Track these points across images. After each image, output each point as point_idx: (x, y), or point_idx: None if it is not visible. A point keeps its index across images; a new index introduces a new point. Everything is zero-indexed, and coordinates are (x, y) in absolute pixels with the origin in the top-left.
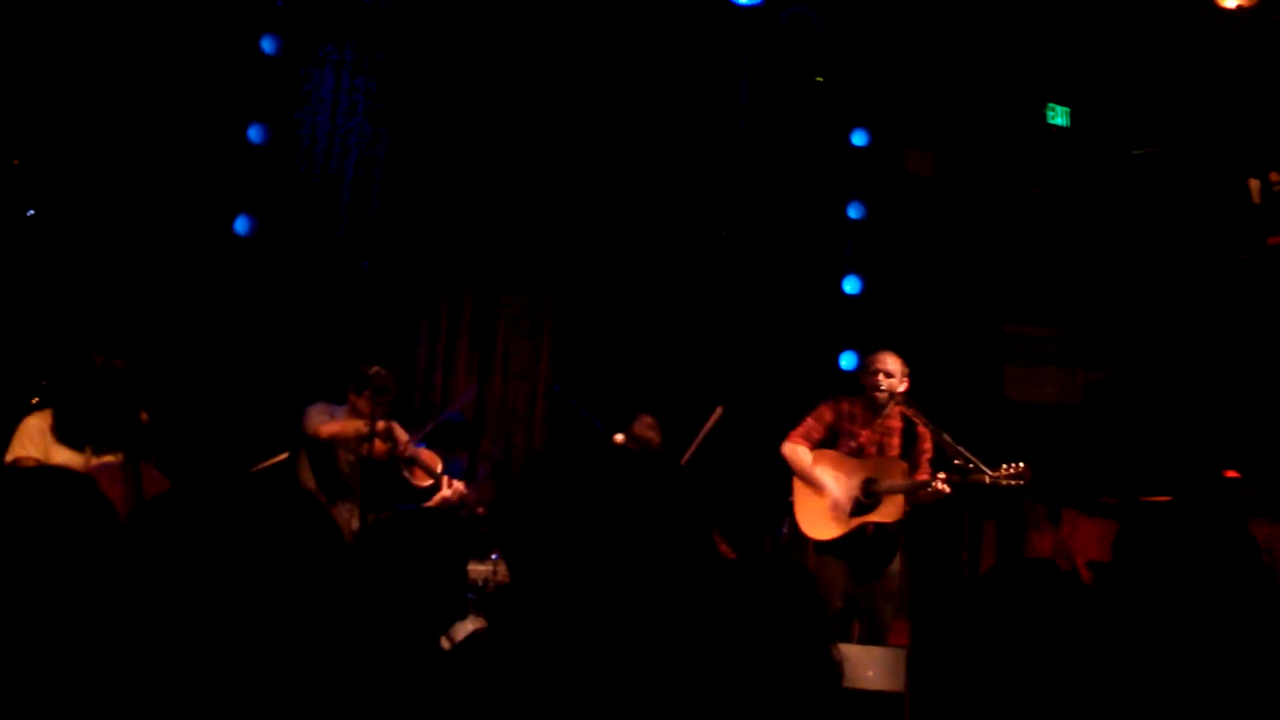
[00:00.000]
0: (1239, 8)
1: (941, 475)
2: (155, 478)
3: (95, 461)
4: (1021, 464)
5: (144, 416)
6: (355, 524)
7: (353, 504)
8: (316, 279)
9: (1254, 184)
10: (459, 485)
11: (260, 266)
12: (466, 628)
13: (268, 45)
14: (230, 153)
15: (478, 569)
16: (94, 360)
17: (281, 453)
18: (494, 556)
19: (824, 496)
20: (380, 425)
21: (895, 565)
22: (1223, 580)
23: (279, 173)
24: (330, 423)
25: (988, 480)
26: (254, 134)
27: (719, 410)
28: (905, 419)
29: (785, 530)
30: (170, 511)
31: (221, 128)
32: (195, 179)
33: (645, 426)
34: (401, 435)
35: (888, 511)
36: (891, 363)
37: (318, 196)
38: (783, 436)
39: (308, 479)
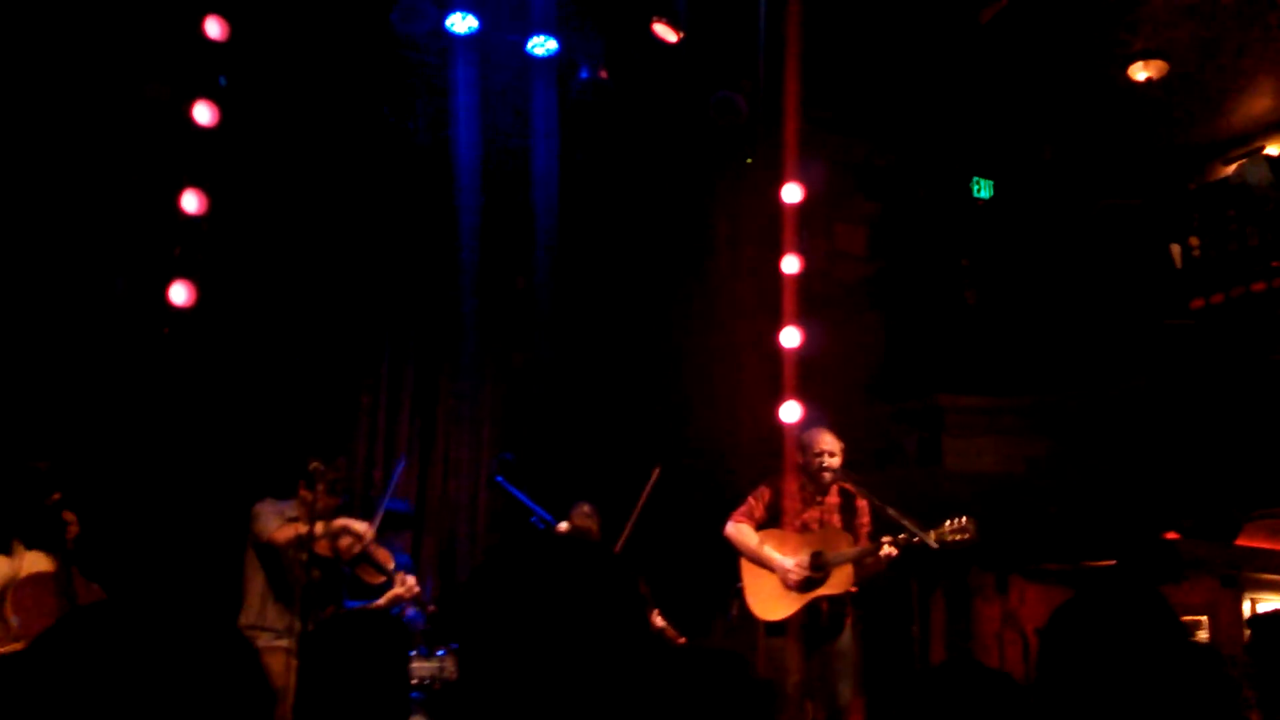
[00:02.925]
0: (1149, 80)
1: (887, 539)
2: (88, 587)
3: (25, 571)
4: (964, 518)
5: (72, 523)
6: (298, 625)
7: (303, 603)
8: (250, 372)
9: (1175, 249)
10: (411, 582)
11: (191, 359)
12: None
13: (201, 115)
14: (160, 234)
15: (424, 666)
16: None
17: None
18: (440, 653)
19: (773, 574)
20: (338, 524)
21: (848, 643)
22: (1144, 645)
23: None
24: (286, 527)
25: (933, 540)
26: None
27: (656, 471)
28: (844, 493)
29: (734, 612)
30: (84, 633)
31: (150, 209)
32: (118, 261)
33: (582, 515)
34: (362, 529)
35: (838, 583)
36: (830, 442)
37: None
38: (726, 518)
39: (256, 580)
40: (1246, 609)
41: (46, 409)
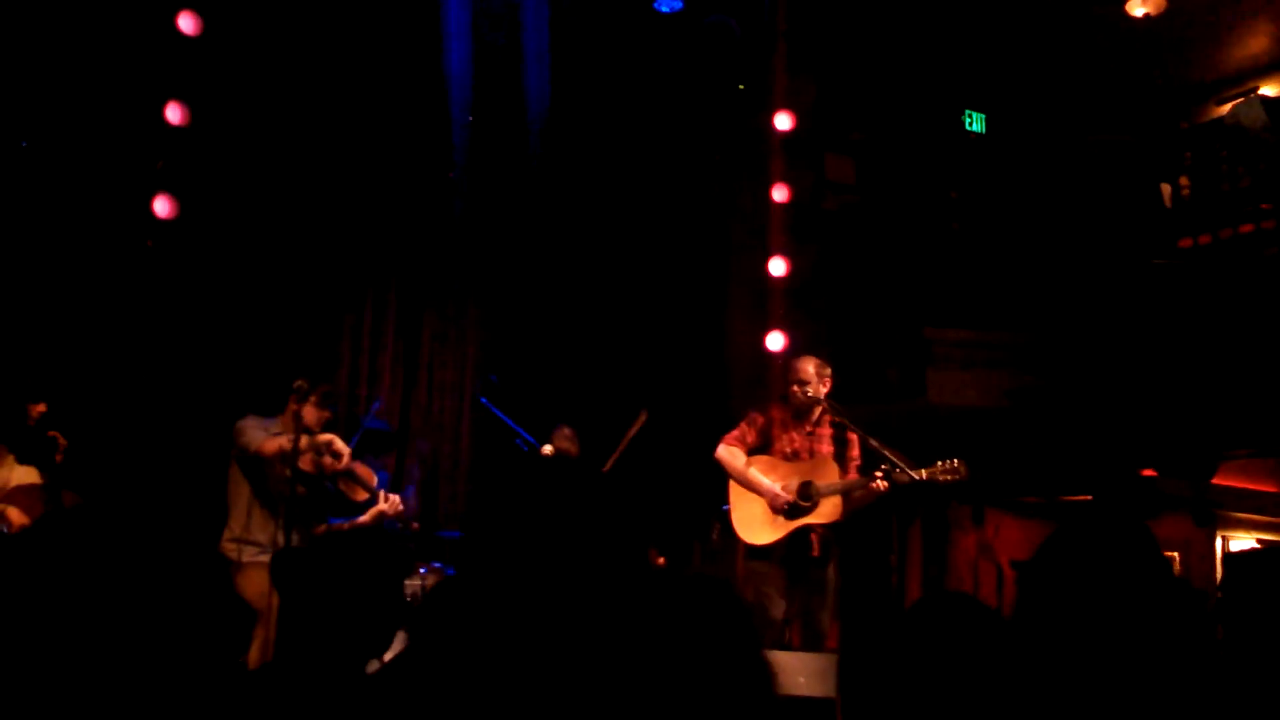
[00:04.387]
0: (1146, 16)
1: (878, 474)
2: (75, 500)
3: (15, 483)
4: (956, 460)
5: (60, 440)
6: (282, 539)
7: (287, 518)
8: (233, 288)
9: (1165, 189)
10: (395, 499)
11: (175, 277)
12: (395, 646)
13: (186, 24)
14: (143, 149)
15: (407, 584)
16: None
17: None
18: (423, 571)
19: (761, 499)
20: (323, 439)
21: (830, 571)
22: (1129, 579)
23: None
24: (271, 440)
25: (924, 477)
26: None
27: (643, 415)
28: (836, 424)
29: (715, 537)
30: (59, 536)
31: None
32: (107, 177)
33: (563, 438)
34: (343, 449)
35: (825, 513)
36: (809, 368)
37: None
38: (715, 440)
39: (240, 494)
40: (1219, 546)
41: (32, 325)
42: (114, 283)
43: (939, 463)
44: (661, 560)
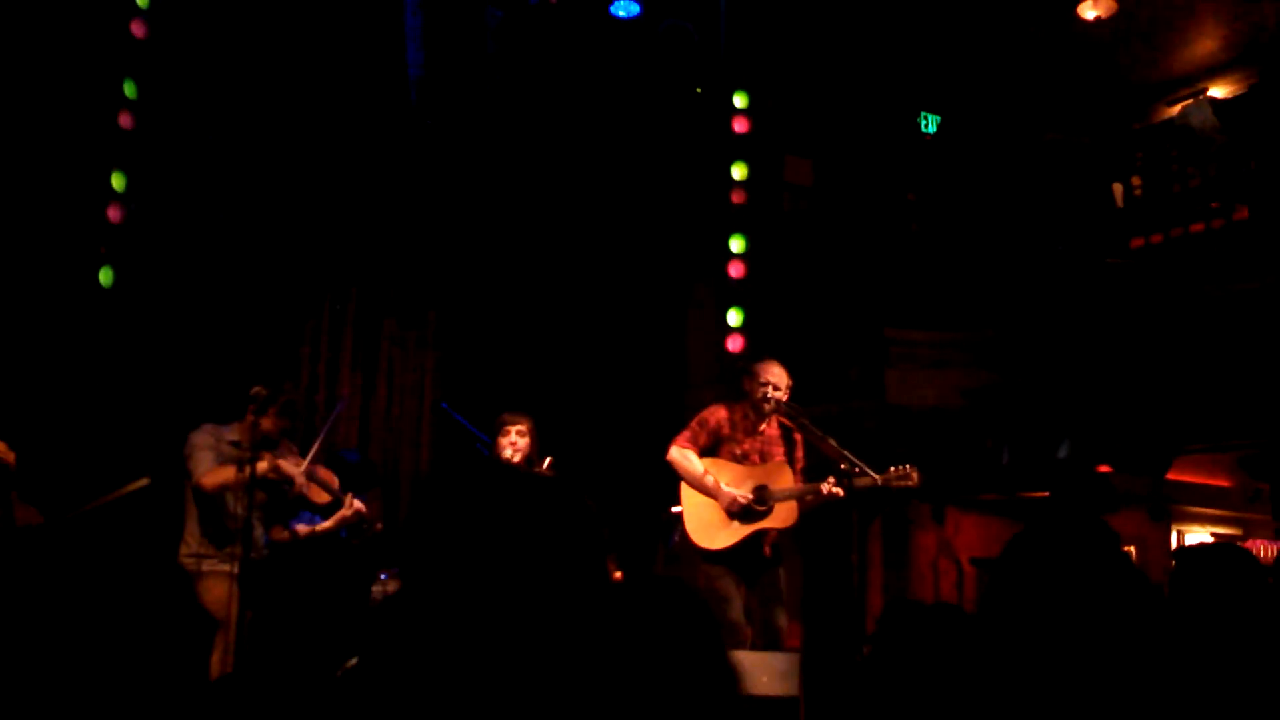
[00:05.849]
0: (1097, 18)
1: (832, 479)
2: (26, 512)
3: None
4: (908, 466)
5: (10, 456)
6: (240, 547)
7: (245, 525)
8: (189, 292)
9: (1118, 188)
10: (359, 505)
11: (129, 283)
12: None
13: (138, 28)
14: (95, 155)
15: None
16: None
17: (140, 479)
18: (383, 576)
19: (717, 503)
20: (265, 466)
21: (781, 572)
22: (1092, 574)
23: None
24: (214, 472)
25: (878, 483)
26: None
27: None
28: (783, 426)
29: (676, 539)
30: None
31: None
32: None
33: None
34: (291, 470)
35: (780, 517)
36: (777, 374)
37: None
38: (668, 441)
39: (197, 505)
40: (1174, 541)
41: None
42: (66, 289)
43: (891, 468)
44: (619, 575)
